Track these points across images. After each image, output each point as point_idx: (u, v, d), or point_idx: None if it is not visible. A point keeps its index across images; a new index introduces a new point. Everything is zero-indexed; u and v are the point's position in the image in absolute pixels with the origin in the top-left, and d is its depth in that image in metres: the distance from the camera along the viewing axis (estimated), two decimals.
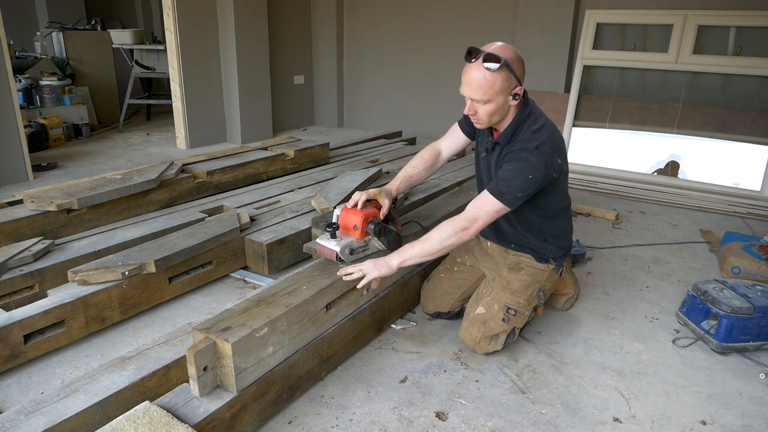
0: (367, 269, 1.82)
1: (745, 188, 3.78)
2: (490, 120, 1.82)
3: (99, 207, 2.70)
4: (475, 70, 1.72)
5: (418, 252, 1.81)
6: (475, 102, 1.77)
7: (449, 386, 1.84)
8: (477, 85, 1.72)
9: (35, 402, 1.46)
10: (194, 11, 4.91)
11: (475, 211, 1.79)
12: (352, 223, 1.91)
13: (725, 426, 1.68)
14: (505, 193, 1.75)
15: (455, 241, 1.79)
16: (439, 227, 1.81)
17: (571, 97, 4.40)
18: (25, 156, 3.96)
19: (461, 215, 1.81)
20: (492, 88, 1.72)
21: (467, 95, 1.77)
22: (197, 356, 1.42)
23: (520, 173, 1.75)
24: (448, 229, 1.78)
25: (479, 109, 1.78)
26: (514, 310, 1.96)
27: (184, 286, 2.37)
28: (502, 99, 1.75)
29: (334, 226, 1.90)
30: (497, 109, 1.77)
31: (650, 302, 2.43)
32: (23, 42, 6.84)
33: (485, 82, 1.71)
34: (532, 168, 1.74)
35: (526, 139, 1.80)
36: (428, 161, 2.17)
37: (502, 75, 1.70)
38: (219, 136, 5.47)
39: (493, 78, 1.70)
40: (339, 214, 1.95)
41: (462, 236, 1.78)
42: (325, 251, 1.92)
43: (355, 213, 1.92)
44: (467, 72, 1.74)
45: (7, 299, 2.07)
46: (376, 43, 6.04)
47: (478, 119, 1.82)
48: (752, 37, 3.87)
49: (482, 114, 1.79)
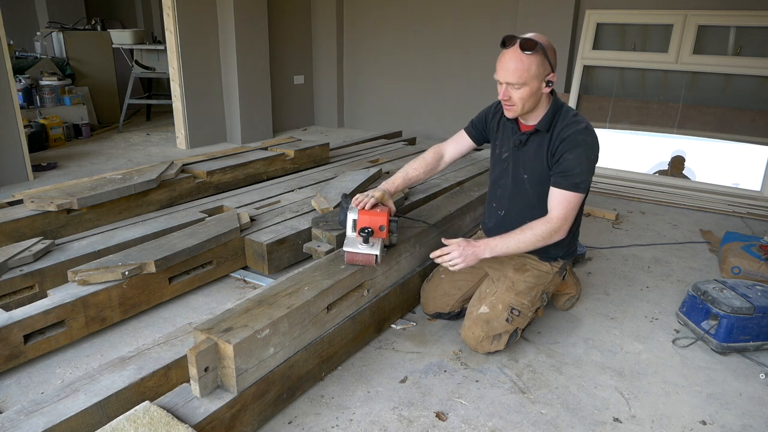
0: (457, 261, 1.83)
1: (745, 188, 3.78)
2: (524, 106, 1.82)
3: (99, 207, 2.70)
4: (511, 54, 1.74)
5: (512, 249, 1.85)
6: (510, 86, 1.78)
7: (449, 386, 1.84)
8: (513, 68, 1.74)
9: (35, 402, 1.46)
10: (194, 11, 4.91)
11: (562, 211, 1.83)
12: (378, 224, 1.90)
13: (725, 426, 1.68)
14: (579, 183, 1.80)
15: (546, 242, 1.84)
16: (532, 226, 1.83)
17: (571, 97, 4.40)
18: (25, 156, 3.97)
19: (552, 217, 1.83)
20: (528, 72, 1.74)
21: (503, 79, 1.79)
22: (198, 357, 1.42)
23: (584, 157, 1.80)
24: (544, 232, 1.82)
25: (513, 93, 1.79)
26: (518, 311, 1.96)
27: (184, 286, 2.37)
28: (537, 84, 1.78)
29: (368, 230, 1.87)
30: (531, 94, 1.79)
31: (650, 302, 2.43)
32: (23, 42, 6.83)
33: (522, 65, 1.73)
34: (591, 148, 1.81)
35: (572, 123, 1.83)
36: (429, 164, 2.19)
37: (537, 59, 1.73)
38: (219, 136, 5.47)
39: (530, 61, 1.73)
40: (357, 218, 1.91)
41: (554, 237, 1.83)
42: (359, 258, 1.90)
43: (377, 214, 1.91)
44: (503, 57, 1.77)
45: (7, 299, 2.07)
46: (376, 43, 6.04)
47: (511, 105, 1.83)
48: (752, 37, 3.87)
49: (516, 98, 1.80)
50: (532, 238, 1.82)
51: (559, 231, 1.83)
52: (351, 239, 1.92)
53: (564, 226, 1.83)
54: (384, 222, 1.90)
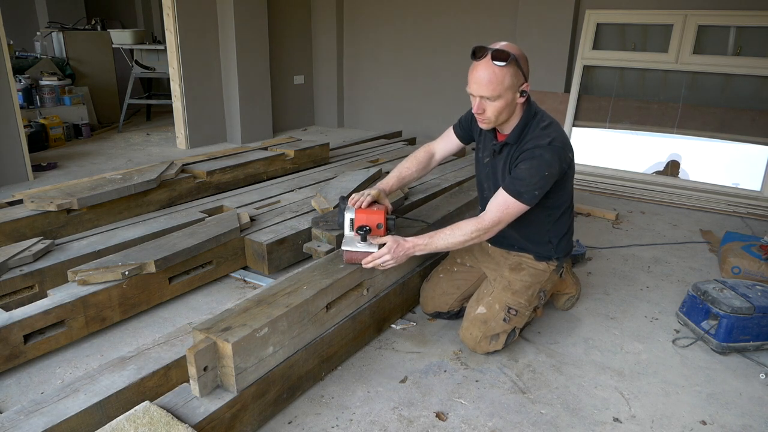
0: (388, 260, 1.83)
1: (745, 188, 3.77)
2: (498, 118, 1.81)
3: (99, 207, 2.70)
4: (483, 66, 1.71)
5: (440, 245, 1.85)
6: (483, 99, 1.76)
7: (449, 386, 1.84)
8: (486, 81, 1.71)
9: (35, 402, 1.46)
10: (194, 11, 4.91)
11: (497, 214, 1.80)
12: (375, 222, 1.90)
13: (725, 426, 1.68)
14: (523, 192, 1.76)
15: (474, 241, 1.83)
16: (461, 225, 1.82)
17: (571, 97, 4.40)
18: (25, 156, 3.97)
19: (483, 216, 1.82)
20: (501, 84, 1.71)
21: (476, 93, 1.76)
22: (197, 356, 1.42)
23: (536, 171, 1.76)
24: (470, 229, 1.80)
25: (488, 106, 1.77)
26: (515, 310, 1.96)
27: (184, 286, 2.37)
28: (511, 95, 1.75)
29: (366, 229, 1.87)
30: (506, 106, 1.77)
31: (650, 302, 2.43)
32: (23, 42, 6.83)
33: (495, 78, 1.70)
34: (547, 165, 1.76)
35: (538, 137, 1.80)
36: (422, 162, 2.19)
37: (510, 71, 1.71)
38: (219, 136, 5.47)
39: (503, 73, 1.70)
40: (355, 217, 1.92)
41: (482, 237, 1.83)
42: (358, 256, 1.90)
43: (374, 212, 1.92)
44: (475, 69, 1.73)
45: (7, 299, 2.08)
46: (376, 43, 6.04)
47: (485, 118, 1.81)
48: (752, 37, 3.87)
49: (490, 112, 1.78)
50: (461, 236, 1.81)
51: (488, 232, 1.81)
52: (349, 238, 1.93)
53: (494, 227, 1.81)
54: (381, 220, 1.90)
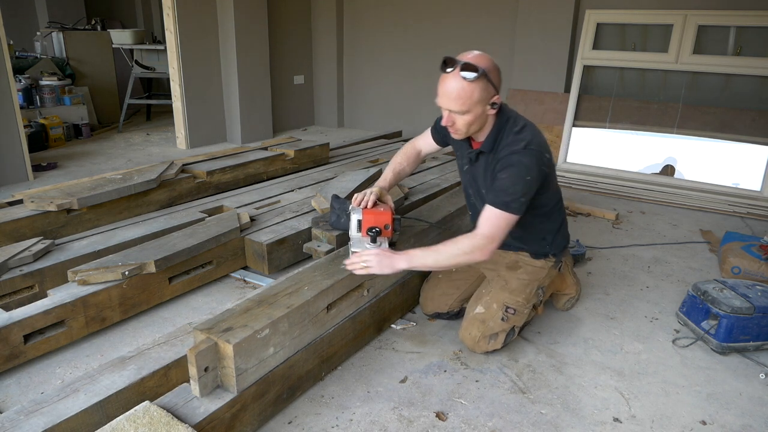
0: (371, 264, 1.80)
1: (745, 188, 3.77)
2: (468, 130, 1.79)
3: (99, 207, 2.70)
4: (452, 80, 1.68)
5: (430, 263, 1.81)
6: (453, 113, 1.74)
7: (449, 386, 1.84)
8: (455, 96, 1.68)
9: (35, 402, 1.46)
10: (194, 11, 4.91)
11: (490, 228, 1.74)
12: (384, 223, 1.90)
13: (725, 426, 1.68)
14: (510, 202, 1.73)
15: (468, 260, 1.77)
16: (456, 242, 1.77)
17: (571, 97, 4.40)
18: (25, 156, 3.96)
19: (477, 233, 1.76)
20: (470, 99, 1.68)
21: (445, 106, 1.74)
22: (198, 357, 1.42)
23: (518, 178, 1.73)
24: (465, 247, 1.75)
25: (457, 120, 1.75)
26: (513, 309, 1.96)
27: (184, 286, 2.37)
28: (481, 109, 1.72)
29: (376, 230, 1.86)
30: (475, 119, 1.74)
31: (650, 302, 2.43)
32: (23, 42, 6.83)
33: (463, 93, 1.67)
34: (527, 169, 1.73)
35: (512, 142, 1.78)
36: (411, 156, 2.22)
37: (480, 85, 1.68)
38: (219, 136, 5.47)
39: (471, 88, 1.67)
40: (363, 218, 1.91)
41: (478, 256, 1.74)
42: None
43: (382, 213, 1.91)
44: (444, 82, 1.70)
45: (7, 299, 2.07)
46: (376, 43, 6.04)
47: (456, 130, 1.80)
48: (752, 37, 3.87)
49: (460, 125, 1.76)
50: (454, 252, 1.75)
51: (483, 249, 1.73)
52: (357, 239, 1.92)
53: (489, 245, 1.73)
54: (389, 221, 1.91)
